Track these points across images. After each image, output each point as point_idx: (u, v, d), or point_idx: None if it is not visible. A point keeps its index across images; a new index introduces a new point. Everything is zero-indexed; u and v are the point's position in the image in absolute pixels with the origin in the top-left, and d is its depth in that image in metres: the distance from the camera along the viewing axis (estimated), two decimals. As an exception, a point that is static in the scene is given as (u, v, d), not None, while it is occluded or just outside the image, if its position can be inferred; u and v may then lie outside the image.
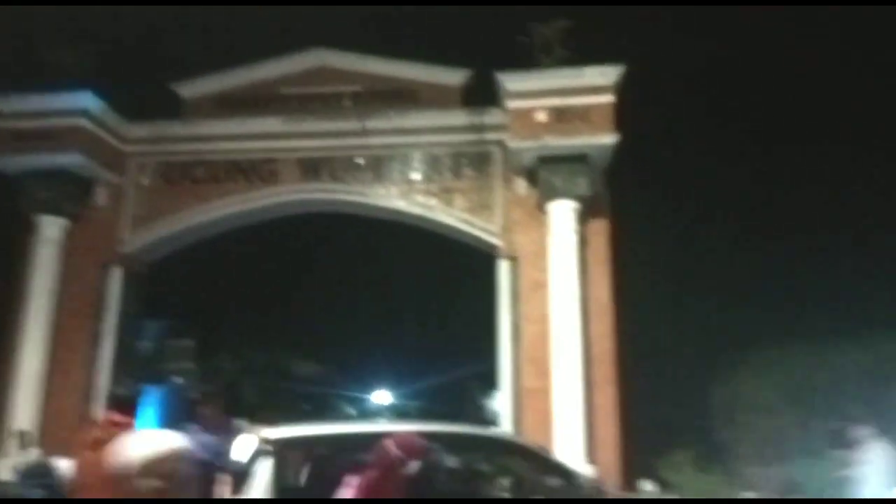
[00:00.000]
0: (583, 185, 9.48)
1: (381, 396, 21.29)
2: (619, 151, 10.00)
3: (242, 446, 4.79)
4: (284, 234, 14.15)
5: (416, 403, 20.19)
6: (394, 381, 20.75)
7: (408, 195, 10.61)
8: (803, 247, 14.53)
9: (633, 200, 10.87)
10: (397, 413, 20.19)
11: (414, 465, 4.04)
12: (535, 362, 8.84)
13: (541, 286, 8.98)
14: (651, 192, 12.44)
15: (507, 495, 4.70)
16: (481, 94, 11.05)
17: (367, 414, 20.02)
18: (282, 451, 4.70)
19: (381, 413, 20.27)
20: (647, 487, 8.17)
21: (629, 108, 10.31)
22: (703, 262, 14.19)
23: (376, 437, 4.25)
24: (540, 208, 9.49)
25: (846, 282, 13.44)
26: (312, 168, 11.05)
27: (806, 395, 11.77)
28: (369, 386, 21.02)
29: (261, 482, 4.60)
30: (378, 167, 10.89)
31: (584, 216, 9.47)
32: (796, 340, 12.04)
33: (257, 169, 11.07)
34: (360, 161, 10.72)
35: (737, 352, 12.35)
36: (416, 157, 10.78)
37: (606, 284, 9.53)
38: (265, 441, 4.62)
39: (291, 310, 17.53)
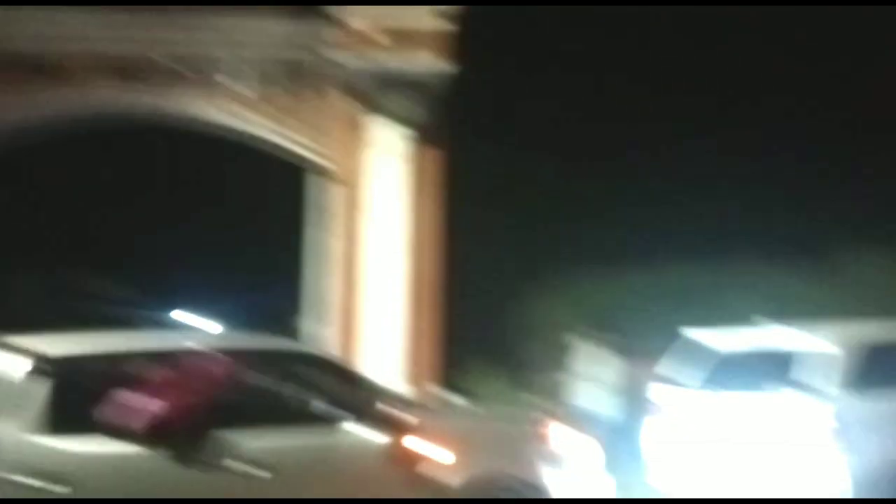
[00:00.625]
0: (414, 109, 9.28)
1: (185, 315, 20.18)
2: (458, 82, 9.81)
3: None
4: (100, 146, 12.97)
5: (222, 321, 19.34)
6: (200, 301, 19.72)
7: (226, 106, 9.83)
8: (609, 177, 15.32)
9: (465, 129, 10.81)
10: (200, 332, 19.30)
11: (214, 382, 3.96)
12: (348, 283, 8.60)
13: (361, 207, 8.70)
14: (483, 122, 12.51)
15: (309, 410, 4.46)
16: (314, 7, 10.34)
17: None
18: (64, 372, 3.96)
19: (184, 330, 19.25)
20: (446, 395, 8.38)
21: (470, 41, 10.15)
22: (527, 190, 14.57)
23: (175, 353, 4.11)
24: (369, 130, 9.15)
25: (643, 208, 14.35)
26: (123, 71, 9.88)
27: (598, 313, 12.57)
28: (174, 305, 19.86)
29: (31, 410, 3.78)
30: (196, 74, 9.94)
31: (415, 141, 9.24)
32: (596, 263, 12.74)
33: (62, 69, 9.76)
34: (176, 66, 9.74)
35: (546, 274, 12.89)
36: (239, 67, 9.97)
37: (433, 209, 9.43)
38: (41, 358, 3.81)
39: (99, 227, 16.07)
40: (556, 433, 5.32)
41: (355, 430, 4.49)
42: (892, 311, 9.65)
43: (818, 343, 6.31)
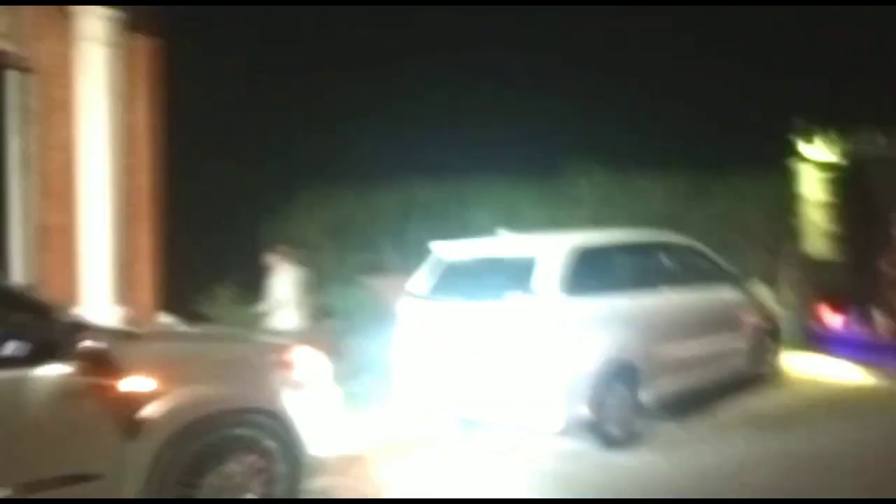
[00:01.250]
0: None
1: None
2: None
3: None
4: None
5: None
6: None
7: None
8: (363, 96, 15.02)
9: (191, 19, 9.63)
10: None
11: None
12: (56, 196, 7.35)
13: (64, 106, 7.38)
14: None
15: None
16: None
17: None
18: None
19: None
20: (167, 320, 7.67)
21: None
22: (262, 98, 13.71)
23: None
24: (67, 14, 7.68)
25: (396, 131, 14.28)
26: None
27: (345, 232, 12.40)
28: None
29: None
30: None
31: (127, 29, 7.92)
32: (338, 181, 12.47)
33: None
34: None
35: (286, 190, 12.35)
36: None
37: (148, 110, 8.29)
38: None
39: None
40: (293, 354, 4.97)
41: (38, 366, 3.78)
42: (607, 222, 10.75)
43: (540, 249, 6.52)
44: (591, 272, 6.60)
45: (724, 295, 8.03)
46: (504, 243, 7.09)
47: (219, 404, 4.37)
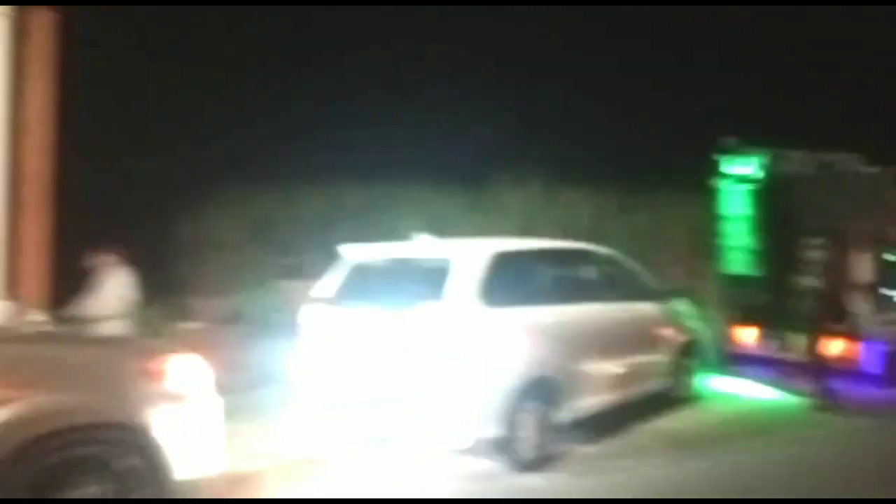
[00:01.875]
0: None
1: None
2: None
3: None
4: None
5: None
6: None
7: None
8: (277, 94, 14.34)
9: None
10: None
11: None
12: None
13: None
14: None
15: None
16: None
17: None
18: None
19: None
20: (38, 318, 6.78)
21: None
22: (182, 87, 12.87)
23: None
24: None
25: (310, 129, 13.67)
26: None
27: (266, 233, 11.66)
28: None
29: None
30: None
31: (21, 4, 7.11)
32: (261, 181, 11.74)
33: None
34: None
35: (204, 187, 11.55)
36: None
37: (45, 89, 7.44)
38: None
39: None
40: (167, 361, 4.27)
41: None
42: (535, 234, 10.38)
43: (456, 255, 5.94)
44: (509, 281, 6.07)
45: (645, 311, 7.60)
46: (419, 247, 6.50)
47: (61, 418, 3.62)
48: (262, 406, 7.10)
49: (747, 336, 9.71)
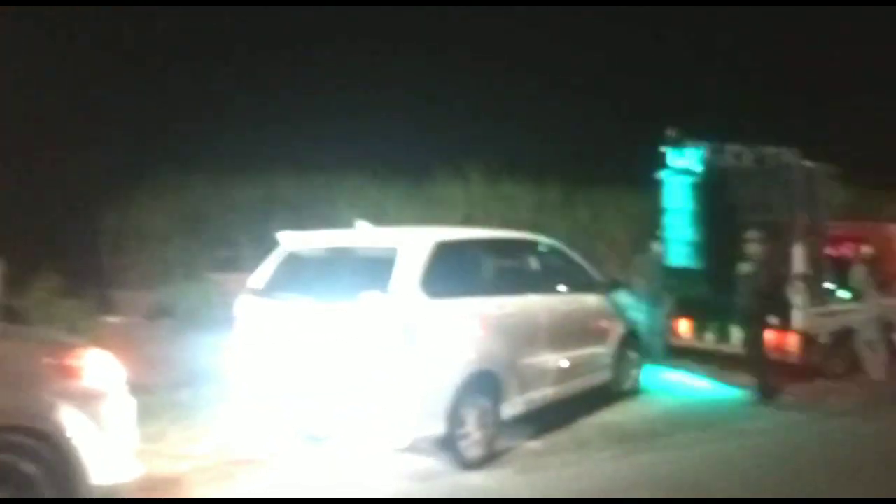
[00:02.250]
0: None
1: None
2: None
3: None
4: None
5: None
6: None
7: None
8: (212, 84, 13.75)
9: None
10: None
11: None
12: None
13: None
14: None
15: None
16: None
17: None
18: None
19: None
20: None
21: None
22: (113, 75, 12.16)
23: None
24: None
25: (245, 119, 13.16)
26: None
27: (198, 224, 11.06)
28: None
29: None
30: None
31: None
32: (194, 171, 11.14)
33: None
34: None
35: (133, 178, 10.87)
36: None
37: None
38: None
39: None
40: (79, 358, 3.81)
41: None
42: (471, 224, 10.14)
43: (399, 244, 5.57)
44: (453, 271, 5.73)
45: (589, 303, 7.39)
46: (360, 236, 6.11)
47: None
48: (191, 405, 6.61)
49: (687, 329, 9.65)
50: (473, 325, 5.76)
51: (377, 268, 5.40)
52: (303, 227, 6.89)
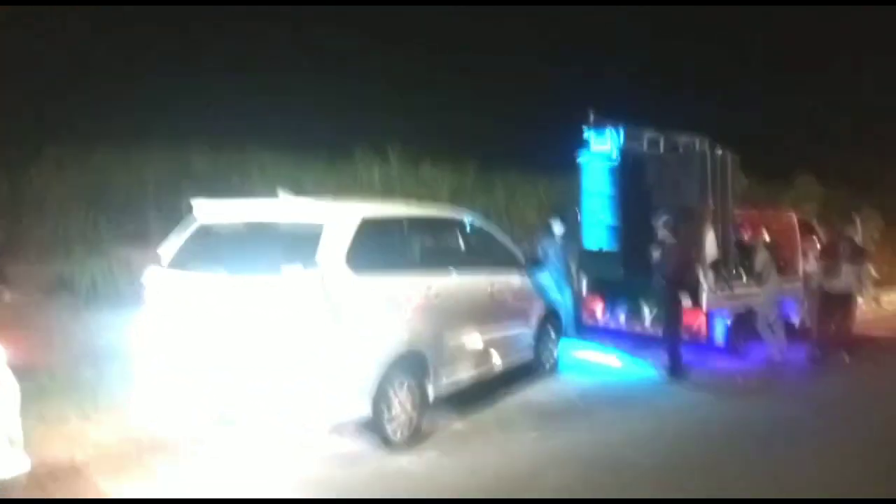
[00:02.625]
0: None
1: None
2: None
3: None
4: None
5: None
6: None
7: None
8: (122, 52, 12.84)
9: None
10: None
11: None
12: None
13: None
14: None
15: None
16: None
17: None
18: None
19: None
20: None
21: None
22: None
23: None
24: None
25: (156, 90, 12.36)
26: None
27: (103, 196, 10.25)
28: None
29: None
30: None
31: None
32: (98, 140, 10.30)
33: None
34: None
35: (31, 147, 9.95)
36: None
37: None
38: None
39: None
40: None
41: None
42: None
43: (325, 216, 5.22)
44: (380, 247, 5.44)
45: (514, 282, 7.25)
46: (280, 207, 5.69)
47: None
48: (94, 386, 6.02)
49: (603, 309, 9.71)
50: (400, 303, 5.49)
51: (300, 240, 5.04)
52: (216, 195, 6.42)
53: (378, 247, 5.43)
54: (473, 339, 6.33)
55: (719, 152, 9.12)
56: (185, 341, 5.17)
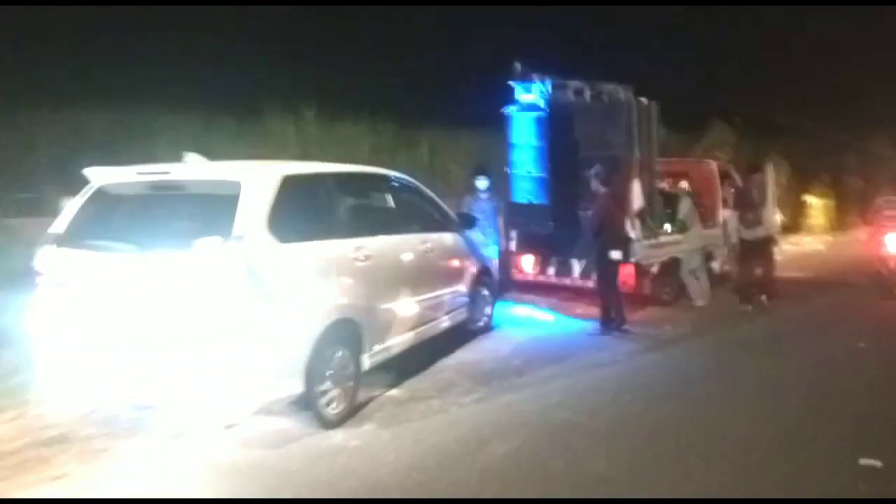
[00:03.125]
0: None
1: None
2: None
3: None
4: None
5: None
6: None
7: None
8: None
9: None
10: None
11: None
12: None
13: None
14: None
15: None
16: None
17: None
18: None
19: None
20: None
21: None
22: None
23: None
24: None
25: (48, 49, 11.18)
26: None
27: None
28: None
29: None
30: None
31: None
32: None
33: None
34: None
35: None
36: None
37: None
38: None
39: None
40: None
41: None
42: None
43: (241, 179, 4.63)
44: (304, 210, 4.96)
45: (446, 241, 6.87)
46: (191, 172, 5.10)
47: None
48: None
49: (533, 263, 9.52)
50: (329, 269, 5.03)
51: (213, 208, 4.50)
52: (114, 164, 5.72)
53: (302, 209, 4.95)
54: (407, 303, 5.96)
55: (644, 101, 8.96)
56: (89, 324, 4.56)
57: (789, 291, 10.13)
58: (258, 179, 4.68)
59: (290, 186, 4.83)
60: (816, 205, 20.10)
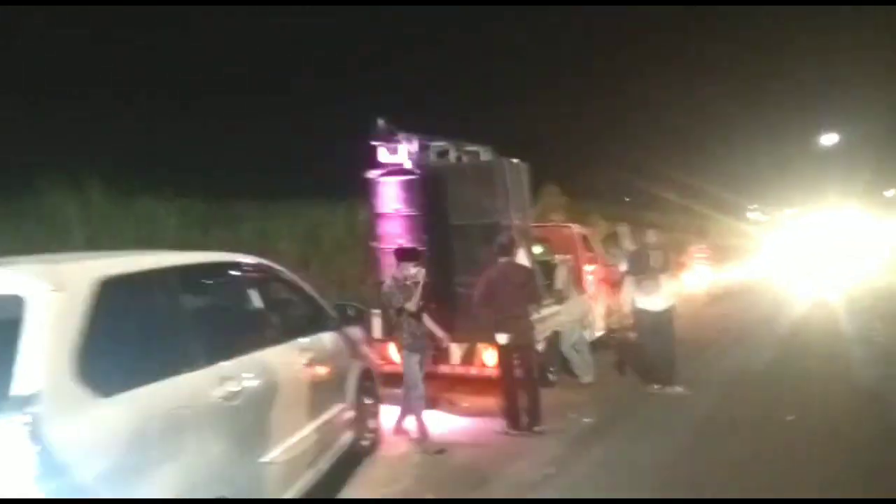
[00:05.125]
0: None
1: None
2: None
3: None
4: None
5: None
6: None
7: None
8: None
9: None
10: None
11: None
12: None
13: None
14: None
15: None
16: None
17: None
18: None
19: None
20: None
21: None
22: None
23: None
24: None
25: None
26: None
27: None
28: None
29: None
30: None
31: None
32: None
33: None
34: None
35: None
36: None
37: None
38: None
39: None
40: None
41: None
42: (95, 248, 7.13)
43: (23, 291, 2.59)
44: (137, 332, 2.99)
45: (326, 345, 5.03)
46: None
47: None
48: None
49: (397, 352, 7.80)
50: (179, 427, 3.05)
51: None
52: None
53: (134, 331, 2.96)
54: (289, 446, 4.04)
55: (515, 162, 7.87)
56: None
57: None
58: (58, 289, 2.64)
59: (113, 296, 2.83)
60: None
